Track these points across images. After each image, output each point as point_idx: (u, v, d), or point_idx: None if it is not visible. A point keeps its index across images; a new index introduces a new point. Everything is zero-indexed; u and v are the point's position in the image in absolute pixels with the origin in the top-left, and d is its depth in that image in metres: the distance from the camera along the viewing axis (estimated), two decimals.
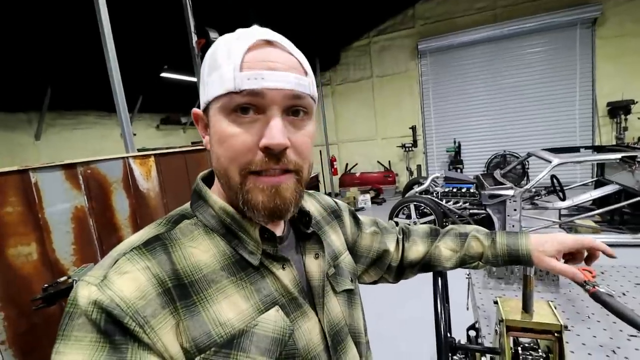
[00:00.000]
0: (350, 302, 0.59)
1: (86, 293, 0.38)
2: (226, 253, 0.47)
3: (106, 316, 0.37)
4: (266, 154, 0.43)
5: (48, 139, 5.42)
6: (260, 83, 0.41)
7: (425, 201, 4.03)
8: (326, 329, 0.51)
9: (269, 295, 0.46)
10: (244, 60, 0.42)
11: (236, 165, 0.44)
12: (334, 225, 0.67)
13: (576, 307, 1.30)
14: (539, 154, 4.10)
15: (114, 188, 2.35)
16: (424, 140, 7.75)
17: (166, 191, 2.67)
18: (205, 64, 0.46)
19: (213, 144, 0.46)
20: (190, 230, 0.47)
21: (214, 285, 0.44)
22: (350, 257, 0.66)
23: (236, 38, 0.44)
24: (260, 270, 0.47)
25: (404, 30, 7.46)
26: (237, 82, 0.41)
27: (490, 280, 1.52)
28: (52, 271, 1.98)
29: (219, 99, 0.43)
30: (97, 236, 2.20)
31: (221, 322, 0.42)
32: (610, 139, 6.17)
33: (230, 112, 0.43)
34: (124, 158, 2.38)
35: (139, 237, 0.45)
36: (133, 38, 4.20)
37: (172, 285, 0.41)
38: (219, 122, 0.44)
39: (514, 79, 6.79)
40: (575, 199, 3.89)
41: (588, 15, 5.95)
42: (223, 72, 0.42)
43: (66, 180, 2.10)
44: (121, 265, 0.40)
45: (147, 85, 6.03)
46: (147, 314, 0.38)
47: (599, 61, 6.12)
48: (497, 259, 0.70)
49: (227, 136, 0.43)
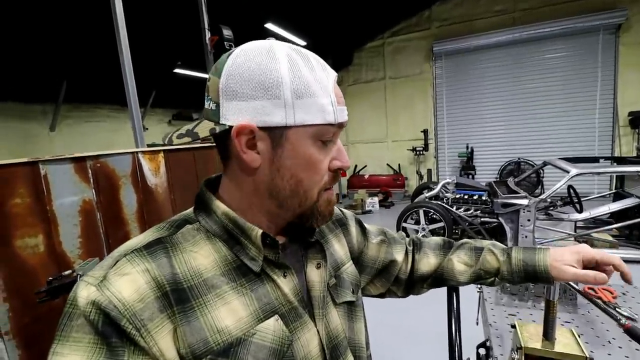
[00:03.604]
0: (351, 314, 0.58)
1: (85, 293, 0.38)
2: (227, 259, 0.46)
3: (104, 317, 0.37)
4: (334, 174, 0.50)
5: (62, 131, 5.51)
6: (344, 117, 0.48)
7: (435, 207, 3.94)
8: (324, 341, 0.50)
9: (269, 304, 0.46)
10: (335, 93, 0.46)
11: (318, 186, 0.48)
12: (338, 234, 0.66)
13: (595, 330, 1.22)
14: (555, 163, 3.97)
15: (123, 182, 2.34)
16: (436, 145, 7.63)
17: (174, 187, 2.66)
18: (284, 81, 0.43)
19: (291, 166, 0.46)
20: (192, 235, 0.47)
21: (214, 290, 0.43)
22: (354, 268, 0.64)
23: (320, 67, 0.47)
24: (261, 277, 0.47)
25: (419, 32, 7.35)
26: (337, 116, 0.46)
27: (503, 295, 1.45)
28: (58, 264, 1.99)
29: (312, 127, 0.45)
30: (103, 230, 2.20)
31: (219, 329, 0.41)
32: (631, 149, 5.96)
33: (317, 140, 0.46)
34: (134, 153, 2.38)
35: (140, 239, 0.45)
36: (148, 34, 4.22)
37: (170, 290, 0.41)
38: (307, 147, 0.46)
39: (531, 85, 6.61)
40: (593, 211, 3.75)
41: (612, 21, 5.75)
42: (322, 103, 0.45)
43: (75, 173, 2.10)
44: (121, 267, 0.41)
45: (161, 81, 6.08)
46: (145, 317, 0.38)
47: (622, 69, 5.91)
48: (512, 275, 0.67)
49: (316, 162, 0.47)
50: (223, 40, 3.27)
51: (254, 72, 0.43)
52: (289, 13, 5.27)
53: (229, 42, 3.28)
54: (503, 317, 1.32)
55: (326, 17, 5.75)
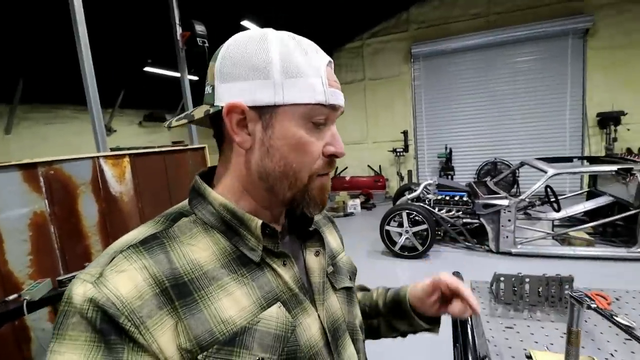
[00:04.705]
0: (349, 299, 0.60)
1: (81, 291, 0.37)
2: (226, 250, 0.46)
3: (102, 315, 0.36)
4: (329, 160, 0.49)
5: (19, 134, 5.07)
6: (337, 100, 0.47)
7: (418, 209, 3.90)
8: (326, 325, 0.51)
9: (270, 292, 0.46)
10: (327, 76, 0.46)
11: (308, 169, 0.47)
12: (330, 227, 0.69)
13: (596, 341, 1.16)
14: (533, 163, 4.03)
15: (81, 191, 2.11)
16: (415, 146, 7.68)
17: (142, 195, 2.45)
18: (274, 62, 0.44)
19: (280, 147, 0.46)
20: (189, 227, 0.46)
21: (215, 282, 0.43)
22: (348, 258, 0.67)
23: (312, 50, 0.46)
24: (261, 266, 0.47)
25: (397, 34, 7.39)
26: (327, 97, 0.45)
27: (497, 306, 1.38)
28: (3, 286, 1.74)
29: (301, 106, 0.45)
30: (59, 245, 1.97)
31: (223, 319, 0.41)
32: (600, 149, 6.22)
33: (308, 121, 0.46)
34: (94, 158, 2.15)
35: (135, 234, 0.44)
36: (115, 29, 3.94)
37: (170, 285, 0.40)
38: (295, 128, 0.45)
39: (505, 87, 6.78)
40: (569, 210, 3.83)
41: (580, 25, 5.99)
42: (312, 82, 0.44)
43: (24, 181, 1.86)
44: (118, 263, 0.40)
45: (130, 80, 5.74)
46: (143, 314, 0.37)
47: (590, 71, 6.16)
48: (386, 307, 0.72)
49: (306, 143, 0.46)
50: (196, 36, 3.07)
51: (246, 54, 0.44)
52: (266, 10, 5.11)
53: (202, 39, 3.08)
54: (500, 331, 1.24)
55: (305, 16, 5.63)
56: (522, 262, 3.61)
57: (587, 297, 0.74)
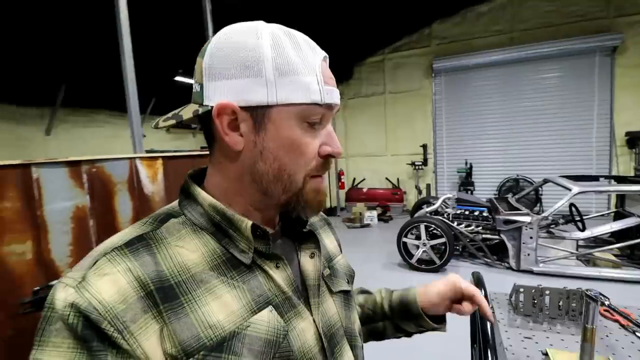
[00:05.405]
0: (347, 303, 0.58)
1: (63, 295, 0.36)
2: (216, 252, 0.44)
3: (84, 320, 0.35)
4: (324, 161, 0.47)
5: (58, 135, 5.43)
6: (332, 98, 0.45)
7: (437, 222, 3.88)
8: (321, 330, 0.49)
9: (261, 295, 0.44)
10: (322, 74, 0.44)
11: (304, 170, 0.45)
12: (326, 229, 0.67)
13: (617, 355, 1.16)
14: (557, 180, 3.95)
15: (118, 189, 2.26)
16: (435, 160, 7.63)
17: (171, 195, 2.58)
18: (266, 59, 0.41)
19: (274, 149, 0.44)
20: (178, 229, 0.45)
21: (203, 285, 0.41)
22: (345, 260, 0.65)
23: (306, 45, 0.45)
24: (253, 268, 0.45)
25: (419, 49, 7.46)
26: (323, 96, 0.43)
27: (516, 317, 1.39)
28: (46, 273, 1.88)
29: (295, 106, 0.43)
30: (96, 238, 2.11)
31: (210, 324, 0.40)
32: (629, 169, 6.00)
33: (303, 121, 0.44)
34: (131, 158, 2.31)
35: (121, 236, 0.42)
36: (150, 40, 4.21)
37: (155, 288, 0.38)
38: (290, 129, 0.43)
39: (529, 103, 6.69)
40: (594, 230, 3.72)
41: (608, 43, 5.88)
42: (307, 81, 0.42)
43: (70, 177, 2.02)
44: (101, 266, 0.38)
45: (161, 88, 6.05)
46: (127, 319, 0.36)
47: (618, 90, 6.01)
48: (392, 311, 0.70)
49: (301, 144, 0.44)
50: None
51: (235, 49, 0.42)
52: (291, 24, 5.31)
53: None
54: (519, 341, 1.25)
55: (328, 31, 5.81)
56: (544, 281, 3.50)
57: (602, 295, 0.76)
